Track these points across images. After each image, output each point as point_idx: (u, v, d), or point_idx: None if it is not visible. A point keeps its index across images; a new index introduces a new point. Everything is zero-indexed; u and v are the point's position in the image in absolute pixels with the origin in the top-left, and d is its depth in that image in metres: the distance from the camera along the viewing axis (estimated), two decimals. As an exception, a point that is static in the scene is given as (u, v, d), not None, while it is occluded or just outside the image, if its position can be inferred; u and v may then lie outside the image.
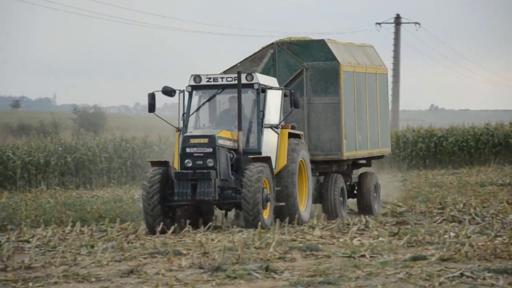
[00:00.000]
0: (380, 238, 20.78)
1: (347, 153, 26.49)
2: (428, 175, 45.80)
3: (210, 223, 23.98)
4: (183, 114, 24.40)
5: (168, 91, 23.90)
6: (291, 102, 24.22)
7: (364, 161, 29.03)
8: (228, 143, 23.44)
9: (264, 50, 27.36)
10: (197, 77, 24.16)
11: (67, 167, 45.58)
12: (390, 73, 74.98)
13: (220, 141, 23.04)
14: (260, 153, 23.78)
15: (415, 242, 19.83)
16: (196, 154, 22.79)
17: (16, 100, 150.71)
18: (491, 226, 22.34)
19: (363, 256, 18.06)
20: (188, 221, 23.27)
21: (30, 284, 15.75)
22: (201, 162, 22.73)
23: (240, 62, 27.25)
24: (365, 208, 27.88)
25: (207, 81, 24.26)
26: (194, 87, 24.39)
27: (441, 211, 26.47)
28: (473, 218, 24.12)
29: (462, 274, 15.70)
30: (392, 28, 75.92)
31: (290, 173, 23.86)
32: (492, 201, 29.06)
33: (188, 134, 23.51)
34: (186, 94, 24.44)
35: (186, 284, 15.54)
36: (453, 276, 15.57)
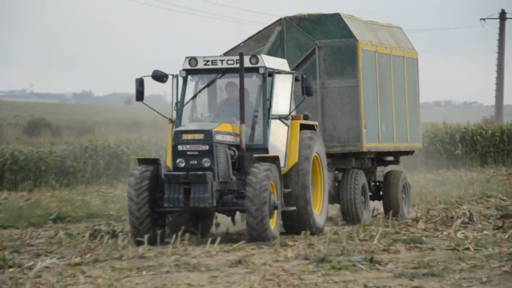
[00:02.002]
0: (485, 232, 20.61)
1: (368, 145, 22.97)
2: (532, 170, 45.32)
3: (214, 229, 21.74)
4: (177, 103, 20.28)
5: (159, 76, 19.74)
6: (303, 88, 20.21)
7: (391, 158, 25.75)
8: (229, 138, 19.31)
9: (270, 27, 23.61)
10: (192, 60, 19.87)
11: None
12: (493, 68, 74.68)
13: (219, 137, 18.91)
14: (267, 149, 19.79)
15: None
16: (190, 153, 18.74)
17: (129, 97, 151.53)
18: None
19: (467, 249, 17.94)
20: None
21: (144, 272, 15.95)
22: (196, 162, 18.72)
23: (243, 42, 23.66)
24: (391, 209, 24.13)
25: (205, 64, 19.86)
26: (189, 71, 20.08)
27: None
28: None
29: None
30: (497, 24, 74.92)
31: (302, 173, 20.04)
32: None
33: (180, 128, 19.42)
34: (180, 79, 20.18)
35: (292, 274, 15.57)
36: (556, 270, 15.50)
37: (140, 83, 19.72)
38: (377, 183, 24.87)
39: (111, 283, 14.38)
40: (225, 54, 22.71)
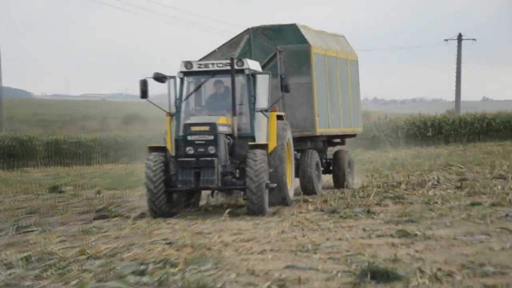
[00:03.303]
0: (448, 190, 20.58)
1: (320, 130, 21.17)
2: (481, 147, 45.00)
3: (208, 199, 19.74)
4: (176, 100, 18.17)
5: (159, 77, 17.92)
6: (282, 86, 18.30)
7: (338, 140, 23.95)
8: (226, 129, 17.43)
9: (240, 36, 21.42)
10: (188, 64, 17.97)
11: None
12: (453, 74, 74.48)
13: (220, 128, 17.08)
14: (254, 137, 17.76)
15: (473, 192, 19.64)
16: (198, 142, 16.87)
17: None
18: (527, 181, 21.98)
19: (436, 202, 17.94)
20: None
21: (207, 220, 15.98)
22: (203, 150, 16.82)
23: (218, 48, 21.37)
24: (340, 183, 22.81)
25: (198, 67, 17.96)
26: (185, 73, 18.08)
27: (491, 170, 26.07)
28: (514, 176, 23.69)
29: (507, 215, 15.52)
30: (456, 43, 74.71)
31: (280, 155, 18.14)
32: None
33: (188, 121, 17.30)
34: (178, 80, 18.13)
35: (312, 222, 15.58)
36: (500, 216, 15.39)
37: (143, 83, 17.76)
38: (328, 160, 23.23)
39: (184, 227, 14.42)
40: (204, 58, 20.86)
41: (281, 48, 20.91)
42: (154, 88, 18.00)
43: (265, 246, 12.85)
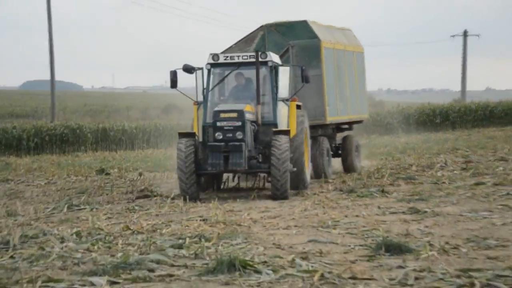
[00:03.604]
0: (455, 171, 20.51)
1: (330, 118, 20.48)
2: (484, 132, 44.72)
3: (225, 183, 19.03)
4: (203, 89, 17.38)
5: (188, 69, 17.20)
6: (302, 77, 17.64)
7: (346, 126, 23.04)
8: (251, 116, 16.72)
9: (255, 32, 20.62)
10: (215, 56, 17.29)
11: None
12: (460, 67, 73.93)
13: (247, 115, 16.40)
14: (276, 124, 17.07)
15: (477, 173, 19.57)
16: (227, 128, 16.16)
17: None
18: (527, 163, 21.89)
19: (444, 183, 17.92)
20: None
21: (237, 200, 16.02)
22: (231, 135, 16.12)
23: (235, 44, 20.56)
24: (348, 166, 22.20)
25: (225, 59, 17.26)
26: (212, 65, 17.34)
27: (494, 153, 25.92)
28: (515, 158, 23.60)
29: (508, 193, 15.50)
30: (462, 39, 74.07)
31: (300, 142, 17.45)
32: (527, 148, 28.34)
33: (218, 109, 16.57)
34: (205, 71, 17.38)
35: (332, 200, 15.58)
36: (502, 195, 15.38)
37: (174, 74, 17.02)
38: (337, 145, 22.46)
39: (217, 206, 14.45)
40: (223, 52, 19.39)
41: (293, 43, 20.18)
42: (181, 80, 17.46)
43: (289, 222, 12.87)
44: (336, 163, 22.38)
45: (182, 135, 16.63)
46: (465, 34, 73.79)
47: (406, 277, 8.50)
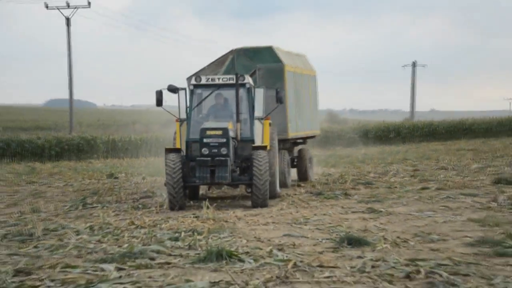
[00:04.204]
0: (405, 178, 20.54)
1: (291, 134, 19.28)
2: (429, 146, 44.86)
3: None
4: (187, 108, 15.96)
5: (172, 89, 15.76)
6: (277, 98, 16.34)
7: (301, 140, 21.47)
8: (232, 133, 15.35)
9: (225, 56, 19.23)
10: (197, 77, 15.90)
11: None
12: (409, 92, 74.20)
13: (230, 132, 15.08)
14: (253, 141, 15.75)
15: (423, 179, 19.58)
16: (212, 144, 14.86)
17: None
18: (463, 171, 21.92)
19: (396, 187, 17.93)
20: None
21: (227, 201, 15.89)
22: (216, 151, 14.80)
23: (207, 65, 19.15)
24: (303, 175, 20.84)
25: (206, 81, 15.88)
26: (195, 86, 15.93)
27: (437, 163, 26.02)
28: (453, 167, 23.60)
29: (448, 196, 15.52)
30: (410, 68, 74.44)
31: (273, 156, 16.44)
32: (463, 157, 28.41)
33: (204, 126, 15.12)
34: (188, 91, 15.97)
35: (303, 201, 15.55)
36: (443, 197, 15.40)
37: (159, 93, 15.44)
38: (294, 157, 21.00)
39: (208, 206, 14.36)
40: (195, 74, 18.30)
41: (259, 66, 18.79)
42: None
43: (268, 220, 12.85)
44: (292, 172, 21.02)
45: (168, 150, 15.20)
46: (414, 64, 74.22)
47: (364, 265, 8.52)
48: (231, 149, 14.99)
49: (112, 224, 12.42)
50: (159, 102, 15.53)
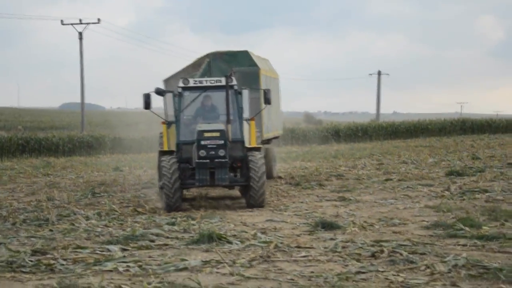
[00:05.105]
0: (371, 170, 20.53)
1: (266, 134, 17.58)
2: (392, 143, 44.96)
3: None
4: (175, 110, 13.92)
5: (160, 92, 14.02)
6: (265, 99, 14.06)
7: (266, 140, 18.80)
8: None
9: (201, 59, 17.17)
10: (185, 80, 13.85)
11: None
12: (375, 97, 74.19)
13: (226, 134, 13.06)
14: (243, 142, 13.53)
15: (387, 172, 19.55)
16: (210, 146, 12.75)
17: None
18: (420, 165, 21.97)
19: (363, 178, 17.92)
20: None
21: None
22: (214, 153, 12.71)
23: (183, 69, 17.15)
24: (268, 172, 17.02)
25: (194, 83, 13.80)
26: (184, 88, 13.81)
27: (398, 158, 26.05)
28: (412, 162, 23.60)
29: (408, 186, 15.55)
30: (376, 77, 74.28)
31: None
32: (421, 153, 28.46)
33: (201, 128, 13.02)
34: (176, 94, 13.89)
35: (283, 191, 15.53)
36: (403, 187, 15.42)
37: (147, 96, 13.34)
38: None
39: (201, 195, 14.32)
40: (172, 76, 16.65)
41: (235, 70, 16.79)
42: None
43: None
44: None
45: (162, 153, 13.39)
46: (379, 73, 74.13)
47: (336, 246, 8.53)
48: (228, 150, 12.97)
49: (117, 211, 12.35)
50: (147, 105, 13.50)
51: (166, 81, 16.63)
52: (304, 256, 8.01)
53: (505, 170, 18.46)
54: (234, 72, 16.25)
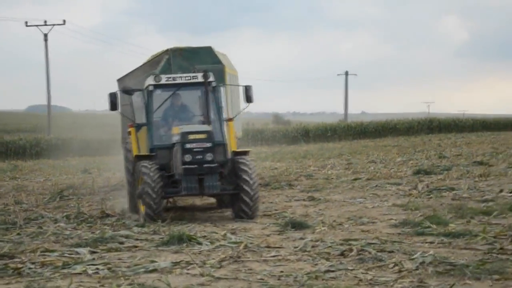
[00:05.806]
0: (340, 170, 20.67)
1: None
2: (361, 143, 45.36)
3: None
4: (146, 112, 12.03)
5: (128, 90, 12.21)
6: (247, 97, 12.24)
7: None
8: None
9: (160, 56, 15.24)
10: (157, 77, 12.04)
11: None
12: (343, 97, 74.62)
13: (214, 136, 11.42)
14: (225, 144, 11.65)
15: (356, 171, 19.71)
16: (196, 149, 11.02)
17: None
18: (389, 164, 22.19)
19: (332, 178, 18.04)
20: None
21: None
22: (201, 157, 11.00)
23: (140, 66, 15.49)
24: None
25: (166, 80, 12.02)
26: (155, 86, 11.96)
27: (367, 157, 26.29)
28: (381, 161, 23.84)
29: (376, 185, 15.69)
30: (344, 77, 74.77)
31: None
32: (389, 152, 28.74)
33: (186, 130, 11.28)
34: (145, 93, 12.08)
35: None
36: (372, 186, 15.54)
37: (113, 96, 11.79)
38: None
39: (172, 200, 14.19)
40: (126, 75, 15.24)
41: (197, 68, 14.21)
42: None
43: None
44: None
45: (139, 157, 11.63)
46: (346, 73, 74.60)
47: (305, 245, 8.58)
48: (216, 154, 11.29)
49: (86, 214, 12.25)
50: (114, 106, 11.89)
51: (120, 80, 15.08)
52: (274, 256, 8.04)
53: (471, 169, 18.77)
54: (197, 71, 14.04)
